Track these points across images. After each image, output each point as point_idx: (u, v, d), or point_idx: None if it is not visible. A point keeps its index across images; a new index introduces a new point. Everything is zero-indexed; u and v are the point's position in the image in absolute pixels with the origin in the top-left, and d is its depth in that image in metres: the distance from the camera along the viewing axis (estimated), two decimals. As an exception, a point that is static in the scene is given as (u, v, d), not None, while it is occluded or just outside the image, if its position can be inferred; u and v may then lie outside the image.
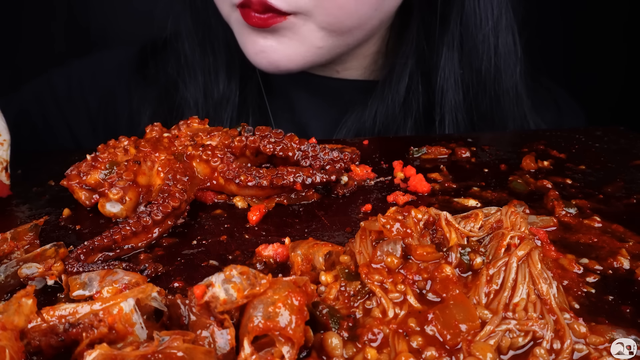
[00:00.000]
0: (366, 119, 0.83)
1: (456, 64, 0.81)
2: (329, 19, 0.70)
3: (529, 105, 0.86)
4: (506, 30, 0.82)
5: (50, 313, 0.34)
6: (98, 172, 0.54)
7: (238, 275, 0.33)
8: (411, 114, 0.83)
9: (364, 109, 0.84)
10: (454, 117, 0.82)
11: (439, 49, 0.81)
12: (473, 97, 0.83)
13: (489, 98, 0.84)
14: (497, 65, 0.82)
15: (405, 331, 0.35)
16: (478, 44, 0.81)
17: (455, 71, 0.81)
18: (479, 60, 0.82)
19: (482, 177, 0.62)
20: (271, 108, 0.87)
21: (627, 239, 0.48)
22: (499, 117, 0.84)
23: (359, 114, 0.84)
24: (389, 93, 0.83)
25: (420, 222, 0.42)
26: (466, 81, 0.83)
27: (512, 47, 0.83)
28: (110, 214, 0.54)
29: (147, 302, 0.35)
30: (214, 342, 0.32)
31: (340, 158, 0.59)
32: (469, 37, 0.81)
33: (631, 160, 0.66)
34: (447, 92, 0.82)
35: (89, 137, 0.93)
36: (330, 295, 0.38)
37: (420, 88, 0.83)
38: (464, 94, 0.83)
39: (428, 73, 0.83)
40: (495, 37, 0.81)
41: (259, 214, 0.53)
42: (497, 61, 0.82)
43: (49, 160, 0.67)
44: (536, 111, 0.88)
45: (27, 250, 0.46)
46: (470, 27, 0.80)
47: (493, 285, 0.37)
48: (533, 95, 0.88)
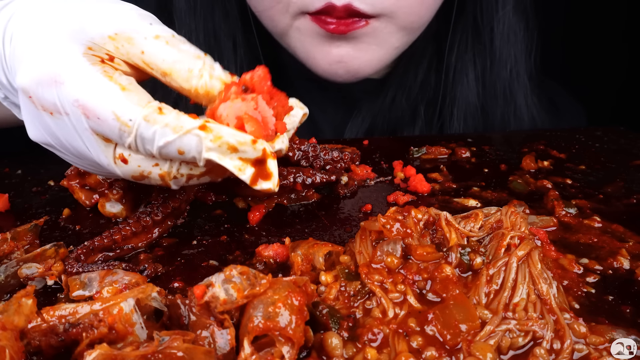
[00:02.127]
0: (377, 115, 0.82)
1: (469, 61, 0.81)
2: (411, 17, 0.68)
3: (538, 107, 0.86)
4: (521, 21, 0.82)
5: (50, 313, 0.34)
6: (98, 172, 0.55)
7: (238, 275, 0.33)
8: (423, 109, 0.83)
9: (376, 105, 0.83)
10: (465, 113, 0.82)
11: (452, 44, 0.80)
12: (485, 98, 0.83)
13: (503, 95, 0.83)
14: (512, 56, 0.82)
15: (405, 331, 0.35)
16: (494, 37, 0.80)
17: (469, 69, 0.81)
18: (494, 52, 0.81)
19: (482, 177, 0.62)
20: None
21: (627, 239, 0.48)
22: (511, 116, 0.84)
23: (371, 111, 0.83)
24: (404, 85, 0.82)
25: (420, 222, 0.42)
26: (480, 80, 0.82)
27: (526, 37, 0.83)
28: (110, 214, 0.54)
29: (147, 302, 0.35)
30: (214, 342, 0.32)
31: (340, 158, 0.59)
32: (484, 34, 0.80)
33: (631, 160, 0.66)
34: (460, 88, 0.81)
35: None
36: (330, 295, 0.38)
37: (434, 84, 0.83)
38: (478, 92, 0.82)
39: (442, 70, 0.82)
40: (509, 26, 0.81)
41: (259, 214, 0.53)
42: (511, 52, 0.82)
43: (49, 160, 0.67)
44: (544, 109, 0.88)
45: (27, 250, 0.46)
46: (484, 24, 0.80)
47: (493, 286, 0.37)
48: (540, 93, 0.88)
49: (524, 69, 0.84)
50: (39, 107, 0.41)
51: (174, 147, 0.38)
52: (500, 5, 0.80)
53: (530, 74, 0.85)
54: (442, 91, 0.83)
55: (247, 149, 0.38)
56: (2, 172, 0.65)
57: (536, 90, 0.87)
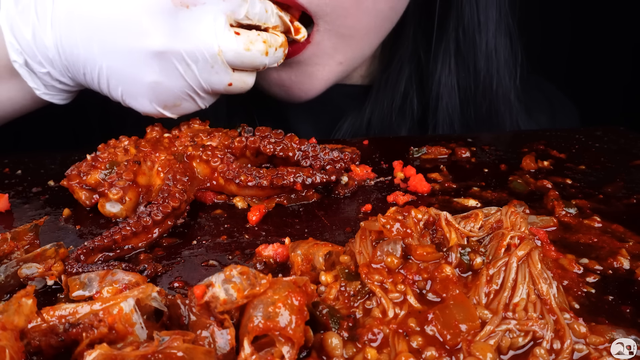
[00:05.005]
0: (360, 125, 0.83)
1: (453, 69, 0.81)
2: (348, 20, 0.67)
3: (522, 112, 0.86)
4: (505, 35, 0.82)
5: (50, 313, 0.34)
6: (98, 172, 0.55)
7: (238, 275, 0.33)
8: (405, 119, 0.83)
9: (358, 114, 0.83)
10: (448, 123, 0.82)
11: (436, 54, 0.80)
12: (468, 104, 0.83)
13: (485, 105, 0.83)
14: (495, 71, 0.82)
15: (405, 331, 0.35)
16: (476, 49, 0.80)
17: (452, 77, 0.81)
18: (476, 65, 0.81)
19: (482, 177, 0.62)
20: (261, 118, 0.85)
21: (627, 239, 0.48)
22: (495, 122, 0.84)
23: (352, 120, 0.83)
24: (384, 98, 0.82)
25: (420, 222, 0.42)
26: (462, 87, 0.82)
27: (510, 52, 0.83)
28: (110, 214, 0.54)
29: (147, 302, 0.35)
30: (214, 342, 0.32)
31: (340, 158, 0.59)
32: (467, 41, 0.80)
33: (631, 160, 0.66)
34: (442, 98, 0.81)
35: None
36: (330, 295, 0.38)
37: (416, 94, 0.83)
38: (460, 100, 0.82)
39: (424, 78, 0.82)
40: (493, 41, 0.81)
41: (259, 214, 0.53)
42: (494, 67, 0.82)
43: (49, 160, 0.67)
44: (529, 115, 0.88)
45: (27, 250, 0.46)
46: (468, 31, 0.79)
47: (493, 285, 0.37)
48: (525, 99, 0.87)
49: (509, 78, 0.84)
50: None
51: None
52: (483, 24, 0.80)
53: (515, 83, 0.85)
54: (426, 100, 0.83)
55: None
56: (2, 172, 0.65)
57: (522, 102, 0.87)
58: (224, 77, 0.57)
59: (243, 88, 0.60)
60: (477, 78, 0.82)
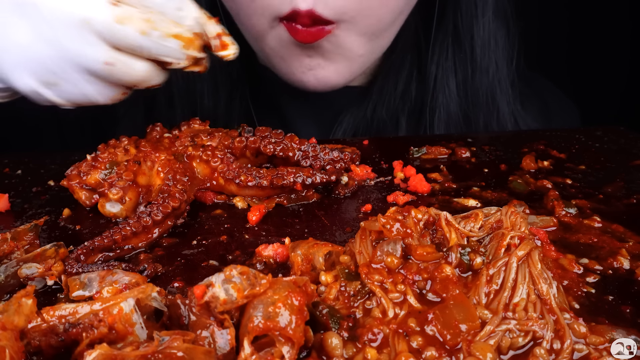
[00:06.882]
0: (358, 124, 0.83)
1: (451, 66, 0.81)
2: (370, 20, 0.68)
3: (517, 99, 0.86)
4: (502, 27, 0.82)
5: (50, 313, 0.34)
6: (98, 172, 0.55)
7: (238, 275, 0.33)
8: (405, 119, 0.83)
9: (356, 114, 0.83)
10: (447, 122, 0.82)
11: (433, 52, 0.81)
12: (468, 103, 0.83)
13: (485, 103, 0.83)
14: (493, 63, 0.82)
15: (405, 331, 0.35)
16: (475, 44, 0.80)
17: (450, 73, 0.81)
18: (475, 60, 0.81)
19: (482, 177, 0.62)
20: (259, 118, 0.86)
21: (627, 239, 0.48)
22: (493, 118, 0.84)
23: (351, 120, 0.83)
24: (384, 96, 0.82)
25: (420, 222, 0.42)
26: (461, 84, 0.82)
27: (507, 43, 0.83)
28: (110, 214, 0.54)
29: (147, 302, 0.35)
30: (214, 342, 0.32)
31: (340, 158, 0.59)
32: (465, 34, 0.80)
33: (631, 160, 0.66)
34: (441, 97, 0.81)
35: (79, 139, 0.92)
36: (330, 295, 0.38)
37: (415, 93, 0.83)
38: (459, 100, 0.82)
39: (423, 79, 0.82)
40: (490, 32, 0.81)
41: (259, 214, 0.53)
42: (492, 59, 0.82)
43: (49, 160, 0.67)
44: (524, 109, 0.88)
45: (27, 250, 0.46)
46: (467, 23, 0.80)
47: (493, 285, 0.37)
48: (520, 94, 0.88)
49: (506, 75, 0.84)
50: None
51: None
52: (480, 12, 0.80)
53: (513, 81, 0.85)
54: (423, 100, 0.83)
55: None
56: (2, 172, 0.65)
57: (519, 97, 0.87)
58: (98, 52, 0.48)
59: (129, 73, 0.50)
60: (474, 79, 0.82)
